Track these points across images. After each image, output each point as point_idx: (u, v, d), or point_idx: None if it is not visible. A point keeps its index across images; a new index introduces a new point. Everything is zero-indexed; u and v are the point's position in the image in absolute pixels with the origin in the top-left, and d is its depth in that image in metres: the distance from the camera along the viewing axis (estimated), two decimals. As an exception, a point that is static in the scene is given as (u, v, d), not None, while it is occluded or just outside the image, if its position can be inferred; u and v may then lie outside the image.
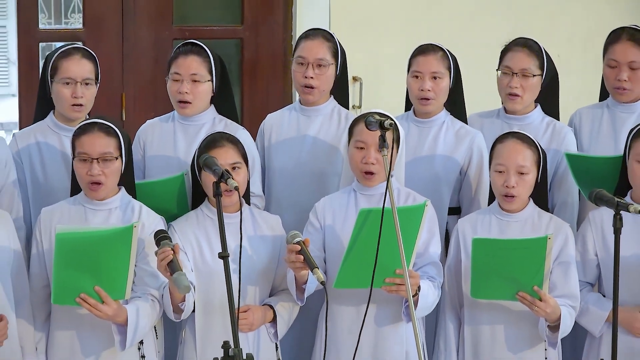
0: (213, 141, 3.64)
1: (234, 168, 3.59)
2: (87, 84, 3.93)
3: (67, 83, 3.90)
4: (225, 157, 3.58)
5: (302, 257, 3.38)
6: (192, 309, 3.58)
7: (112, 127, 3.62)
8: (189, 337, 3.68)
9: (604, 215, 3.51)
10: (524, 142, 3.68)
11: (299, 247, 3.39)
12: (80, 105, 3.91)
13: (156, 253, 3.37)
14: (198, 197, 3.76)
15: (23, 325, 3.59)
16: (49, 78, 3.94)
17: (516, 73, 4.06)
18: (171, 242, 3.35)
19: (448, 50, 4.07)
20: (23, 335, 3.59)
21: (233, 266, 3.28)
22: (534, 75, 4.08)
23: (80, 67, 3.92)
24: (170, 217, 3.76)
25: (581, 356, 3.85)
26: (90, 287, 3.39)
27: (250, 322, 3.62)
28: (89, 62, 3.96)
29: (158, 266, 3.38)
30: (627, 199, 3.68)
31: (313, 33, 4.15)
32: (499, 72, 4.13)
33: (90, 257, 3.39)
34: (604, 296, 3.66)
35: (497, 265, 3.52)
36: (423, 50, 4.07)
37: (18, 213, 3.86)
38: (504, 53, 4.14)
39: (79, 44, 4.17)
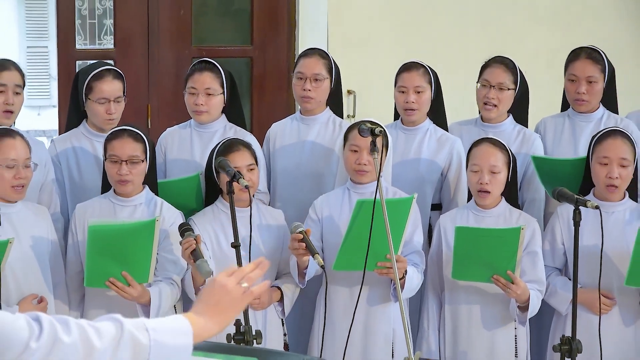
0: (230, 146, 3.65)
1: (250, 169, 3.60)
2: (117, 101, 3.93)
3: (102, 102, 3.90)
4: (242, 159, 3.59)
5: (304, 244, 3.40)
6: None
7: (139, 134, 3.64)
8: None
9: (569, 210, 3.51)
10: (496, 146, 3.69)
11: (301, 236, 3.41)
12: (114, 119, 3.92)
13: (181, 243, 3.38)
14: (211, 195, 3.76)
15: (60, 305, 3.61)
16: (84, 95, 3.93)
17: (493, 86, 4.06)
18: (194, 233, 3.37)
19: (429, 67, 4.07)
20: (59, 314, 3.60)
21: (244, 253, 3.32)
22: (509, 89, 4.08)
23: (112, 88, 3.91)
24: (187, 212, 3.76)
25: (546, 334, 3.84)
26: (118, 272, 3.40)
27: (262, 301, 3.62)
28: (118, 81, 3.95)
29: (182, 254, 3.39)
30: (590, 196, 3.70)
31: (310, 52, 4.15)
32: (478, 84, 4.12)
33: (118, 246, 3.40)
34: (569, 280, 3.66)
35: (475, 251, 3.53)
36: (407, 67, 4.07)
37: (55, 208, 3.86)
38: (483, 68, 4.14)
39: (110, 63, 4.16)
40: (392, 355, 3.69)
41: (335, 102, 4.20)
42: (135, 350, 1.74)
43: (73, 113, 4.06)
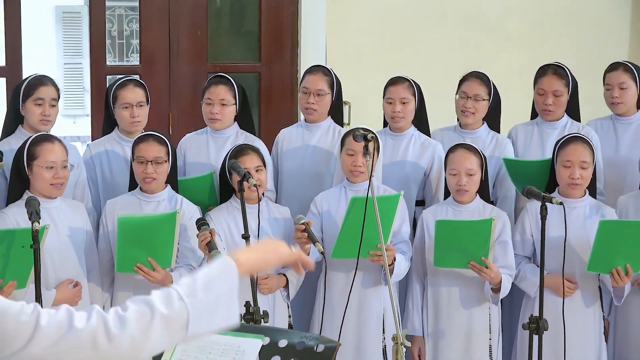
0: (240, 150, 3.65)
1: (258, 170, 3.60)
2: (140, 105, 3.93)
3: (126, 107, 3.92)
4: (251, 161, 3.59)
5: (306, 234, 3.40)
6: None
7: (163, 138, 3.65)
8: None
9: (537, 206, 3.52)
10: (470, 151, 3.70)
11: (303, 227, 3.42)
12: (138, 122, 3.93)
13: (198, 236, 3.38)
14: (225, 194, 3.76)
15: (93, 288, 3.61)
16: (112, 104, 3.96)
17: (470, 97, 4.06)
18: (209, 227, 3.37)
19: (413, 81, 4.07)
20: (93, 296, 3.61)
21: (254, 242, 3.31)
22: (484, 100, 4.08)
23: (134, 94, 3.92)
24: (203, 208, 3.77)
25: (516, 314, 3.85)
26: (144, 258, 3.40)
27: (269, 286, 3.62)
28: (140, 89, 3.96)
29: (199, 245, 3.39)
30: (555, 194, 3.71)
31: (315, 69, 4.15)
32: (457, 96, 4.13)
33: (144, 235, 3.41)
34: (538, 266, 3.67)
35: (453, 241, 3.54)
36: (394, 81, 4.07)
37: (88, 204, 3.86)
38: (461, 82, 4.13)
39: (137, 77, 4.17)
40: (383, 331, 3.69)
41: (336, 112, 4.19)
42: (169, 326, 1.59)
43: (106, 122, 4.07)
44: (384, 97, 4.08)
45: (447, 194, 3.83)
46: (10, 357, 1.50)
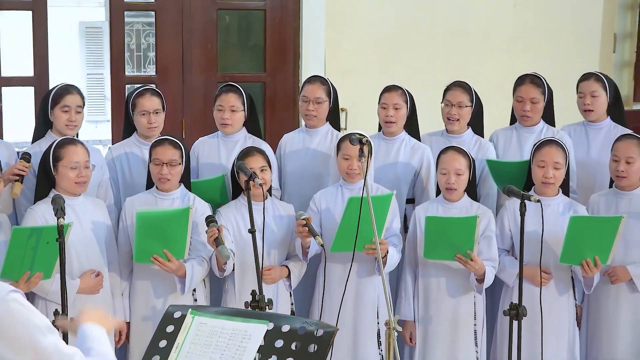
0: (247, 152, 3.65)
1: (262, 170, 3.60)
2: (157, 112, 3.93)
3: (144, 114, 3.92)
4: (256, 162, 3.59)
5: (307, 228, 3.40)
6: (232, 269, 3.59)
7: (177, 142, 3.64)
8: (230, 287, 3.68)
9: (516, 203, 3.52)
10: (460, 153, 3.69)
11: (304, 222, 3.41)
12: (155, 127, 3.93)
13: (206, 232, 3.38)
14: (236, 192, 3.76)
15: (113, 277, 3.61)
16: (131, 111, 3.96)
17: (454, 104, 4.06)
18: (217, 224, 3.36)
19: (405, 89, 4.07)
20: (113, 285, 3.60)
21: (259, 237, 3.30)
22: (467, 106, 4.08)
23: (151, 102, 3.92)
24: (214, 205, 3.76)
25: (497, 301, 3.85)
26: (160, 250, 3.39)
27: (272, 277, 3.62)
28: (156, 97, 3.96)
29: (207, 240, 3.39)
30: (532, 192, 3.70)
31: (313, 79, 4.14)
32: (442, 104, 4.13)
33: (160, 229, 3.40)
34: (516, 259, 3.67)
35: (442, 236, 3.54)
36: (388, 89, 4.07)
37: (110, 201, 3.86)
38: (446, 91, 4.13)
39: (153, 86, 4.18)
40: (377, 317, 3.69)
41: (334, 118, 4.19)
42: None
43: (126, 127, 4.07)
44: (379, 103, 4.07)
45: (438, 192, 3.82)
46: None
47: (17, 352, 1.55)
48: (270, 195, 3.77)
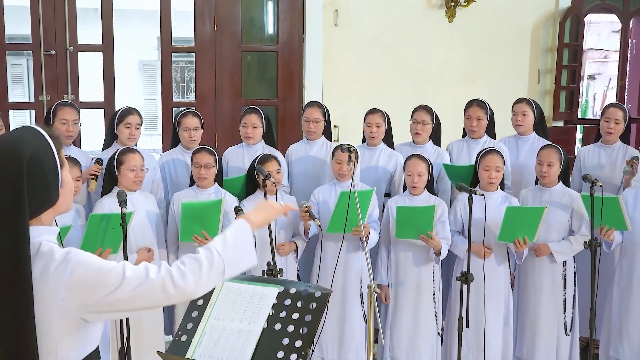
0: (265, 158, 3.63)
1: (277, 172, 3.57)
2: (196, 129, 3.90)
3: (186, 130, 3.88)
4: (272, 166, 3.57)
5: (308, 214, 3.38)
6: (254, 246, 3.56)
7: (212, 150, 3.62)
8: None
9: (465, 196, 3.50)
10: (421, 159, 3.68)
11: (306, 209, 3.39)
12: (194, 140, 3.90)
13: (235, 218, 3.34)
14: (251, 188, 3.71)
15: (162, 253, 3.59)
16: (177, 127, 3.93)
17: (419, 122, 4.05)
18: (243, 212, 3.34)
19: (384, 111, 4.05)
20: (161, 257, 3.58)
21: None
22: (429, 124, 4.06)
23: (191, 121, 3.89)
24: (238, 196, 3.72)
25: (451, 270, 3.83)
26: (199, 231, 3.37)
27: (286, 250, 3.62)
28: (196, 117, 3.93)
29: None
30: (478, 188, 3.68)
31: (312, 103, 4.12)
32: (410, 122, 4.11)
33: (199, 216, 3.38)
34: (465, 238, 3.65)
35: (409, 220, 3.52)
36: (371, 111, 4.04)
37: (161, 195, 3.84)
38: (413, 112, 4.11)
39: (193, 108, 4.16)
40: (361, 282, 3.67)
41: (328, 133, 4.17)
42: (213, 274, 1.57)
43: (173, 139, 4.04)
44: (364, 122, 4.06)
45: (405, 188, 3.81)
46: (102, 299, 1.46)
47: (93, 290, 1.43)
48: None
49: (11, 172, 1.41)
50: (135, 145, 3.86)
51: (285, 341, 1.91)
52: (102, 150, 3.90)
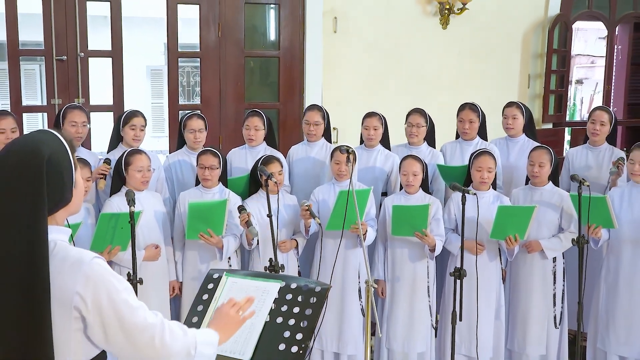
0: (267, 159, 3.61)
1: (279, 173, 3.57)
2: (201, 131, 3.90)
3: (192, 132, 3.88)
4: (273, 167, 3.56)
5: (308, 212, 3.38)
6: (257, 244, 3.56)
7: (216, 152, 3.61)
8: (255, 256, 3.64)
9: (459, 196, 3.50)
10: (416, 159, 3.67)
11: (307, 207, 3.39)
12: (199, 142, 3.89)
13: (239, 217, 3.35)
14: (254, 188, 3.71)
15: (169, 249, 3.58)
16: (183, 129, 3.92)
17: (414, 125, 4.05)
18: (246, 211, 3.34)
19: (381, 114, 4.05)
20: (169, 254, 3.57)
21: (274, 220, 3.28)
22: (423, 126, 4.06)
23: (197, 123, 3.89)
24: (241, 195, 3.72)
25: (445, 266, 3.82)
26: (205, 229, 3.37)
27: (287, 247, 3.61)
28: (201, 120, 3.92)
29: (240, 223, 3.36)
30: (470, 187, 3.68)
31: (313, 107, 4.11)
32: (406, 125, 4.11)
33: (205, 214, 3.37)
34: (459, 235, 3.65)
35: (404, 218, 3.51)
36: (369, 114, 4.04)
37: (166, 194, 3.83)
38: (407, 115, 4.11)
39: (198, 111, 4.16)
40: (359, 277, 3.67)
41: (327, 135, 4.17)
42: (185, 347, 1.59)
43: (179, 141, 4.04)
44: (362, 125, 4.05)
45: (401, 188, 3.80)
46: (118, 309, 1.46)
47: (95, 307, 1.43)
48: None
49: (32, 171, 1.40)
50: (140, 146, 3.85)
51: (287, 334, 1.91)
52: (107, 152, 3.89)
